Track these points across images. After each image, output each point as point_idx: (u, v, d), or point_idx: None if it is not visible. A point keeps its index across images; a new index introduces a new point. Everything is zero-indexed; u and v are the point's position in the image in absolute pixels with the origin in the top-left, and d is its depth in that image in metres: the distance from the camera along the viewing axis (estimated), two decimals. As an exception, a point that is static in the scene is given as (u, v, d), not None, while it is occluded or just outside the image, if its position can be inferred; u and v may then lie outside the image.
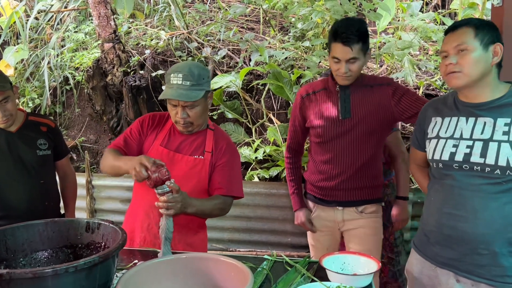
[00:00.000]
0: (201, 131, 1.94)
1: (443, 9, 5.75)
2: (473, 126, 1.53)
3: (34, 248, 1.50)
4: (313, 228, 2.27)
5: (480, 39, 1.49)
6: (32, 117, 2.30)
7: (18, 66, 4.87)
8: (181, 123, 1.85)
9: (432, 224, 1.63)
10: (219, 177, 1.88)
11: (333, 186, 2.15)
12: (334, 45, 1.99)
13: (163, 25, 5.10)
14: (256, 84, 4.31)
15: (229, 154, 1.92)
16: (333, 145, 2.12)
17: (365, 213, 2.16)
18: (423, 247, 1.69)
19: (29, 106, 4.65)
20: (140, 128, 1.95)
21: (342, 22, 2.02)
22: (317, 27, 4.52)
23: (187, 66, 1.81)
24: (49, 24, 5.21)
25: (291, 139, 2.32)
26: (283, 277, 1.54)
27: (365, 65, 2.09)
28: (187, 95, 1.77)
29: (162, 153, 1.89)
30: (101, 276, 1.27)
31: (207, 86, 1.84)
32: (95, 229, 1.53)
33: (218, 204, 1.85)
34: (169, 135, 1.93)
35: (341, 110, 2.08)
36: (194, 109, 1.82)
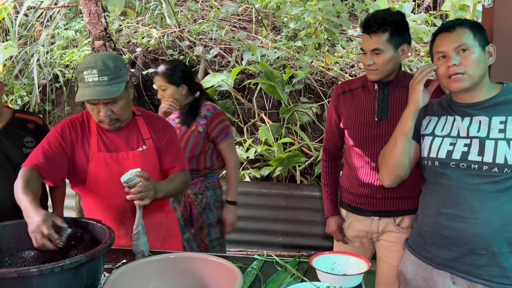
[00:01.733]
0: (130, 122, 1.83)
1: (434, 10, 5.79)
2: (469, 125, 1.52)
3: (20, 247, 1.48)
4: (344, 239, 2.11)
5: (478, 40, 1.49)
6: (19, 114, 2.26)
7: (7, 63, 4.81)
8: (106, 122, 1.71)
9: (428, 225, 1.61)
10: (169, 157, 1.86)
11: (369, 194, 1.97)
12: (363, 37, 1.89)
13: (155, 23, 5.06)
14: (248, 84, 4.30)
15: (168, 131, 1.89)
16: (368, 148, 1.95)
17: (402, 227, 1.97)
18: (418, 248, 1.66)
19: (17, 103, 4.59)
20: (61, 140, 1.75)
21: (374, 12, 1.89)
22: (309, 27, 4.53)
23: (99, 59, 1.65)
24: (39, 21, 5.14)
25: (327, 140, 2.15)
26: (273, 277, 1.53)
27: (400, 61, 1.90)
28: (107, 91, 1.63)
29: (105, 158, 1.78)
30: (88, 276, 1.25)
31: (126, 77, 1.71)
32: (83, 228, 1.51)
33: (181, 180, 1.84)
34: (101, 138, 1.79)
35: (378, 111, 1.92)
36: (117, 104, 1.69)
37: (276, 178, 3.91)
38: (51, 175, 1.73)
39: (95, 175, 1.78)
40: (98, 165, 1.78)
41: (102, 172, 1.78)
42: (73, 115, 1.89)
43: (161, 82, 2.45)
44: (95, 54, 1.78)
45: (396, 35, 1.84)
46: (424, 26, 4.89)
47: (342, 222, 2.10)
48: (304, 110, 4.06)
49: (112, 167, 1.77)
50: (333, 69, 4.47)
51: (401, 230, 1.96)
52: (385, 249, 2.02)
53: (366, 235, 2.04)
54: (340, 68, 4.53)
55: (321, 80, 4.39)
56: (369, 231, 2.02)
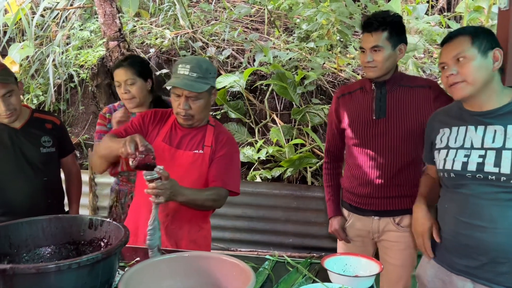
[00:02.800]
0: (202, 127, 1.93)
1: (448, 12, 5.74)
2: (483, 135, 1.49)
3: (37, 244, 1.51)
4: (347, 238, 2.15)
5: (478, 46, 1.47)
6: (37, 113, 2.30)
7: (23, 63, 4.89)
8: (182, 115, 1.84)
9: (448, 233, 1.60)
10: (215, 170, 1.86)
11: (368, 193, 2.02)
12: (363, 36, 1.96)
13: (168, 24, 5.11)
14: (260, 85, 4.31)
15: (227, 147, 1.90)
16: (368, 147, 2.01)
17: (401, 225, 2.02)
18: (438, 253, 1.65)
19: (33, 103, 4.67)
20: (142, 122, 1.95)
21: (373, 13, 1.99)
22: (321, 28, 4.52)
23: (195, 59, 1.83)
24: (55, 21, 5.22)
25: (328, 142, 2.22)
26: (284, 277, 1.55)
27: (397, 60, 1.98)
28: (192, 85, 1.77)
29: (163, 149, 1.89)
30: (103, 273, 1.27)
31: (212, 82, 1.85)
32: (98, 226, 1.53)
33: (211, 195, 1.80)
34: (170, 131, 1.93)
35: (376, 110, 1.98)
36: (197, 102, 1.82)
37: (287, 179, 3.92)
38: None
39: None
40: (155, 152, 1.81)
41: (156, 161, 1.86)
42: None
43: (129, 75, 2.23)
44: (195, 56, 2.03)
45: (394, 34, 1.92)
46: (437, 27, 4.86)
47: (344, 222, 2.15)
48: (316, 111, 4.06)
49: (166, 159, 1.86)
50: (345, 71, 4.47)
51: (401, 229, 2.02)
52: (387, 249, 2.06)
53: (367, 235, 2.09)
54: (353, 69, 4.52)
55: (333, 82, 4.39)
56: (370, 230, 2.07)
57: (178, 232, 1.86)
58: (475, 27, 1.53)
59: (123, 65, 2.24)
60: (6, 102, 2.06)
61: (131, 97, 2.24)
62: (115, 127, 2.18)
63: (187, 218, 1.88)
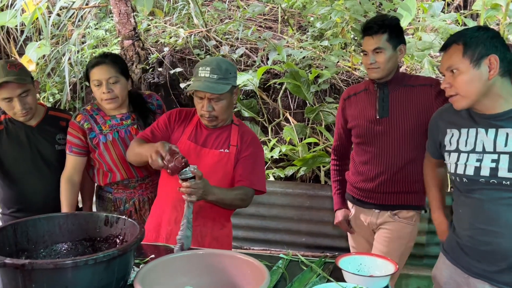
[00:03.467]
0: (226, 126, 1.97)
1: (465, 10, 5.66)
2: (494, 138, 1.45)
3: (54, 240, 1.54)
4: (350, 229, 2.29)
5: (470, 56, 1.42)
6: (52, 111, 2.33)
7: (40, 61, 4.96)
8: (206, 116, 1.88)
9: (465, 238, 1.58)
10: (241, 169, 1.90)
11: (371, 188, 2.14)
12: (364, 40, 2.05)
13: (182, 23, 5.13)
14: (273, 83, 4.31)
15: (253, 147, 1.95)
16: (372, 145, 2.11)
17: (398, 216, 2.13)
18: (455, 255, 1.64)
19: (49, 101, 4.73)
20: (167, 121, 1.99)
21: (372, 17, 2.10)
22: (335, 26, 4.50)
23: (215, 60, 1.86)
24: (71, 20, 5.28)
25: (336, 141, 2.33)
26: (298, 276, 1.54)
27: (398, 60, 2.08)
28: (213, 87, 1.80)
29: (189, 147, 1.93)
30: (119, 269, 1.29)
31: (233, 81, 1.88)
32: (114, 223, 1.55)
33: (239, 195, 1.86)
34: (195, 129, 1.97)
35: (379, 109, 2.08)
36: (219, 103, 1.85)
37: (300, 178, 3.90)
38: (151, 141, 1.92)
39: None
40: (181, 150, 1.86)
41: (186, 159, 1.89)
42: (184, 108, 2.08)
43: (112, 73, 2.07)
44: (215, 57, 2.06)
45: (394, 36, 2.01)
46: (454, 25, 4.79)
47: (348, 214, 2.28)
48: (330, 110, 4.04)
49: (192, 157, 1.90)
50: (360, 69, 4.44)
51: (397, 220, 2.13)
52: (378, 236, 2.17)
53: (368, 227, 2.22)
54: (367, 68, 4.48)
55: (347, 80, 4.36)
56: (370, 222, 2.19)
57: (202, 229, 1.90)
58: (469, 32, 1.46)
59: (104, 62, 2.08)
60: (22, 101, 2.10)
61: (114, 97, 2.10)
62: None
63: (211, 216, 1.91)
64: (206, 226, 1.92)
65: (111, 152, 2.17)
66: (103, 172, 2.23)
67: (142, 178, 2.25)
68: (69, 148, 2.18)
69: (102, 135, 2.17)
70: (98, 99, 2.15)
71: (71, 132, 2.18)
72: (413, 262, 3.11)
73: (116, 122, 2.19)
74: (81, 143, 2.17)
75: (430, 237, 3.30)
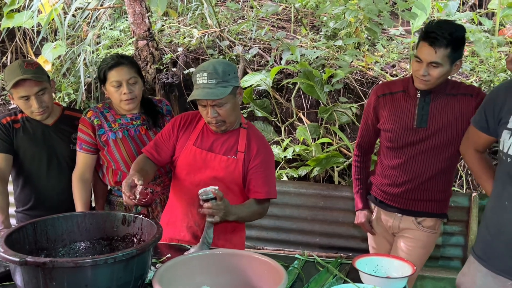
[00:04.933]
0: (234, 130, 1.93)
1: (480, 8, 5.58)
2: None
3: (72, 238, 1.56)
4: (373, 230, 2.24)
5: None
6: (68, 111, 2.36)
7: (56, 62, 5.02)
8: (213, 123, 1.84)
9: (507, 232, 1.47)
10: (255, 180, 1.87)
11: (397, 194, 2.08)
12: (420, 44, 1.89)
13: (196, 23, 5.14)
14: (286, 83, 4.30)
15: (263, 154, 1.91)
16: (403, 152, 2.04)
17: (423, 225, 2.08)
18: (496, 260, 1.52)
19: (64, 101, 4.79)
20: (171, 130, 1.96)
21: (437, 22, 1.89)
22: (349, 26, 4.47)
23: (211, 64, 1.80)
24: (86, 21, 5.34)
25: (361, 137, 2.24)
26: (315, 277, 1.54)
27: (450, 75, 1.96)
28: (213, 93, 1.75)
29: (195, 153, 1.91)
30: (137, 268, 1.30)
31: (234, 82, 1.82)
32: (131, 222, 1.57)
33: (257, 210, 1.87)
34: (202, 135, 1.93)
35: (417, 118, 1.99)
36: (223, 107, 1.81)
37: (313, 178, 3.89)
38: (156, 158, 1.96)
39: (181, 164, 1.94)
40: (187, 157, 1.91)
41: (187, 164, 1.92)
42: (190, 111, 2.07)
43: (132, 73, 2.12)
44: (210, 60, 1.92)
45: (456, 51, 1.86)
46: (469, 25, 4.72)
47: (370, 215, 2.23)
48: (343, 110, 4.02)
49: (198, 162, 1.90)
50: (374, 69, 4.40)
51: (421, 228, 2.07)
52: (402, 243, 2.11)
53: (388, 230, 2.17)
54: (381, 67, 4.45)
55: (361, 80, 4.33)
56: (391, 225, 2.14)
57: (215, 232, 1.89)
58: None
59: (123, 63, 2.12)
60: (39, 99, 2.12)
61: (134, 97, 2.13)
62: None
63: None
64: (219, 228, 1.91)
65: (121, 150, 2.19)
66: (112, 170, 2.23)
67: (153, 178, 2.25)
68: (79, 145, 2.20)
69: (112, 132, 2.18)
70: (116, 100, 2.16)
71: (81, 128, 2.20)
72: (428, 263, 3.08)
73: (126, 121, 2.21)
74: (90, 140, 2.19)
75: (445, 239, 3.27)
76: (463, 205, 3.21)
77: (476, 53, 4.38)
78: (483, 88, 4.03)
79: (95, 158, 2.24)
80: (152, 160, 1.96)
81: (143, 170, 1.84)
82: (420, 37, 1.91)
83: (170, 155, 1.97)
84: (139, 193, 1.63)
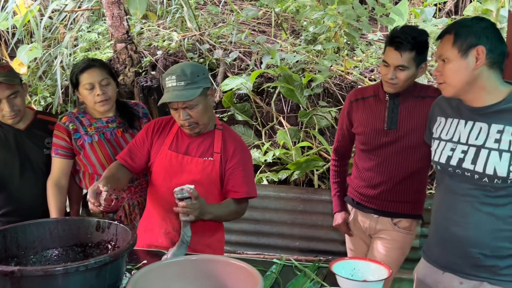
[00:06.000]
0: (209, 132, 1.92)
1: (456, 15, 5.71)
2: (470, 131, 1.51)
3: (44, 245, 1.52)
4: (350, 232, 2.27)
5: (458, 46, 1.45)
6: (40, 115, 2.31)
7: (31, 64, 4.92)
8: (186, 125, 1.83)
9: (433, 225, 1.66)
10: (234, 180, 1.87)
11: (373, 195, 2.12)
12: (387, 49, 1.96)
13: (175, 26, 5.12)
14: (266, 87, 4.31)
15: (240, 154, 1.90)
16: (377, 154, 2.08)
17: (399, 226, 2.12)
18: (430, 251, 1.69)
19: (41, 104, 4.69)
20: (145, 135, 1.94)
21: (402, 27, 1.98)
22: (329, 31, 4.51)
23: (179, 67, 1.79)
24: (63, 23, 5.25)
25: (338, 142, 2.30)
26: (292, 281, 1.54)
27: (417, 78, 2.02)
28: (182, 95, 1.74)
29: (171, 157, 1.89)
30: (111, 275, 1.27)
31: (204, 83, 1.80)
32: (106, 228, 1.54)
33: (234, 209, 1.85)
34: (176, 138, 1.91)
35: (388, 121, 2.04)
36: (195, 109, 1.79)
37: (293, 182, 3.90)
38: (130, 164, 1.93)
39: (157, 169, 1.92)
40: (163, 161, 1.88)
41: (163, 169, 1.90)
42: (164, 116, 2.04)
43: (104, 75, 2.10)
44: (179, 63, 1.90)
45: (420, 54, 1.93)
46: (445, 30, 4.82)
47: (348, 216, 2.26)
48: (323, 114, 4.05)
49: (174, 167, 1.88)
50: (353, 73, 4.45)
51: (397, 229, 2.12)
52: (378, 245, 2.15)
53: (365, 230, 2.21)
54: (360, 72, 4.50)
55: (340, 84, 4.38)
56: (368, 227, 2.18)
57: (193, 237, 1.86)
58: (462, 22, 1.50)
59: (94, 65, 2.10)
60: (11, 103, 2.08)
61: (107, 98, 2.10)
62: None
63: (201, 224, 1.87)
64: (197, 233, 1.89)
65: (97, 153, 2.15)
66: (89, 175, 2.20)
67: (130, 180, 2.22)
68: (54, 150, 2.15)
69: (88, 135, 2.14)
70: (90, 103, 2.13)
71: (56, 134, 2.16)
72: (406, 265, 3.09)
73: (101, 125, 2.18)
74: (66, 144, 2.15)
75: (423, 241, 3.30)
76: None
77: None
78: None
79: (71, 163, 2.20)
80: (126, 167, 1.93)
81: (113, 177, 1.81)
82: (386, 42, 1.98)
83: (145, 161, 1.94)
84: (104, 199, 1.60)
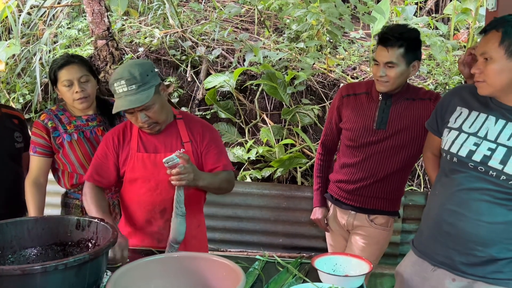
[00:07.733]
0: (170, 124, 1.88)
1: (436, 14, 5.80)
2: (501, 130, 1.45)
3: (23, 245, 1.49)
4: (328, 228, 2.29)
5: (506, 46, 1.38)
6: (4, 109, 2.27)
7: (10, 61, 4.81)
8: (146, 127, 1.79)
9: (432, 221, 1.60)
10: (210, 158, 1.86)
11: (351, 190, 2.13)
12: (378, 48, 1.97)
13: (157, 23, 5.07)
14: (250, 85, 4.30)
15: (208, 133, 1.89)
16: (361, 151, 2.09)
17: (375, 223, 2.14)
18: (422, 245, 1.65)
19: (19, 102, 4.60)
20: (106, 149, 1.88)
21: (390, 26, 1.98)
22: (311, 28, 4.53)
23: (125, 70, 1.72)
24: (42, 19, 5.15)
25: (325, 136, 2.28)
26: (274, 277, 1.54)
27: (409, 76, 2.01)
28: (137, 99, 1.69)
29: (143, 158, 1.84)
30: (91, 274, 1.26)
31: (154, 80, 1.75)
32: (86, 226, 1.51)
33: (224, 177, 1.84)
34: (141, 140, 1.87)
35: (377, 120, 2.04)
36: (151, 109, 1.75)
37: (277, 179, 3.91)
38: (101, 181, 1.88)
39: (131, 175, 1.86)
40: (136, 164, 1.84)
41: (138, 171, 1.85)
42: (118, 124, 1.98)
43: (83, 71, 2.07)
44: (123, 64, 1.82)
45: (410, 51, 1.93)
46: (426, 29, 4.89)
47: (327, 212, 2.28)
48: (306, 111, 4.07)
49: (148, 167, 1.83)
50: (335, 71, 4.48)
51: (374, 226, 2.14)
52: (356, 241, 2.17)
53: (343, 226, 2.22)
54: (342, 70, 4.53)
55: (322, 82, 4.40)
56: (345, 223, 2.19)
57: None
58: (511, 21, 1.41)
59: (74, 61, 2.07)
60: None
61: (86, 95, 2.07)
62: None
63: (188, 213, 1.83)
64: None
65: (76, 151, 2.12)
66: (68, 173, 2.17)
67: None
68: (33, 149, 2.12)
69: (67, 134, 2.11)
70: (69, 100, 2.10)
71: (35, 131, 2.12)
72: (387, 261, 3.16)
73: (81, 123, 2.15)
74: (45, 143, 2.11)
75: (404, 237, 3.36)
76: (420, 203, 3.31)
77: (433, 56, 4.54)
78: (439, 90, 4.18)
79: (50, 161, 2.17)
80: (99, 186, 1.88)
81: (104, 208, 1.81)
82: (377, 42, 2.00)
83: (115, 174, 1.90)
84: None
